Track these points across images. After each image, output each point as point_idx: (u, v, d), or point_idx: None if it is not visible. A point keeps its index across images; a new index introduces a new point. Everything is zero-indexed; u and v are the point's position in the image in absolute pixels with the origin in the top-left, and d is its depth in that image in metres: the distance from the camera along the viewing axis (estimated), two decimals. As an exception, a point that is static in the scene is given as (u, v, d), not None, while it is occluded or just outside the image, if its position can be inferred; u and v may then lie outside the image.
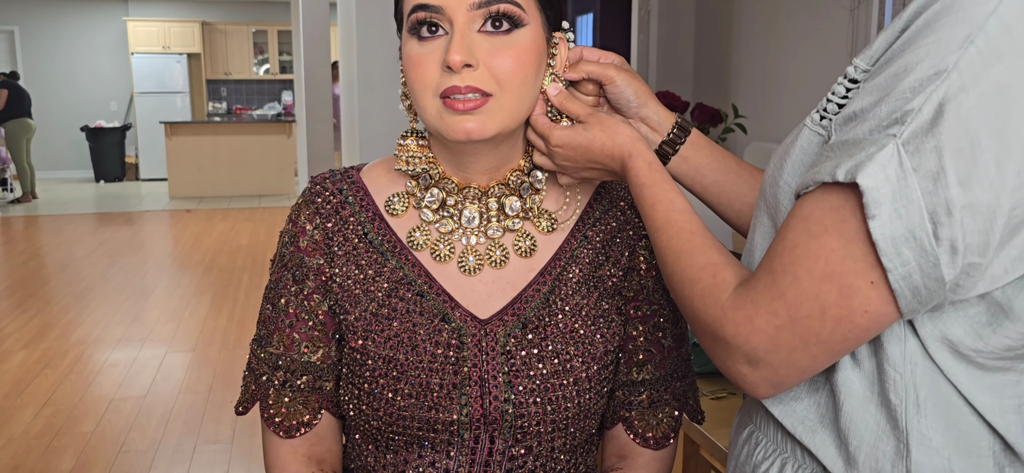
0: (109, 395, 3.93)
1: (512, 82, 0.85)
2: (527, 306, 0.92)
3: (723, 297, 0.73)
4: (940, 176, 0.61)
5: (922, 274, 0.63)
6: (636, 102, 0.94)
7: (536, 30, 0.87)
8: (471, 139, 0.84)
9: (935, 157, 0.61)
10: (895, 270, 0.63)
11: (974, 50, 0.61)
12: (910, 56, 0.63)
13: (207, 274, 6.34)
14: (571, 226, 0.97)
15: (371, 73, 3.42)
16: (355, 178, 0.97)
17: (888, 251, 0.63)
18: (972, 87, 0.60)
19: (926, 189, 0.61)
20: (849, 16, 2.85)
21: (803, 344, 0.68)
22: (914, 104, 0.62)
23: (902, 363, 0.70)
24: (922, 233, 0.62)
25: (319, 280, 0.93)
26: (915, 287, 0.64)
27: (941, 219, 0.61)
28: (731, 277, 0.75)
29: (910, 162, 0.62)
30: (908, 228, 0.62)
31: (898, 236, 0.62)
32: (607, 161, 0.89)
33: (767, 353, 0.70)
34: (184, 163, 10.43)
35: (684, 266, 0.79)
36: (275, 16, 12.63)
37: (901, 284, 0.64)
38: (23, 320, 5.09)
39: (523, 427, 0.89)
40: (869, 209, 0.62)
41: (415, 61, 0.85)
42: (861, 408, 0.72)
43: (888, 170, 0.62)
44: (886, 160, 0.62)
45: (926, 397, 0.70)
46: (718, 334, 0.73)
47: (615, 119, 0.89)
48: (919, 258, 0.62)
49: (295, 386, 0.93)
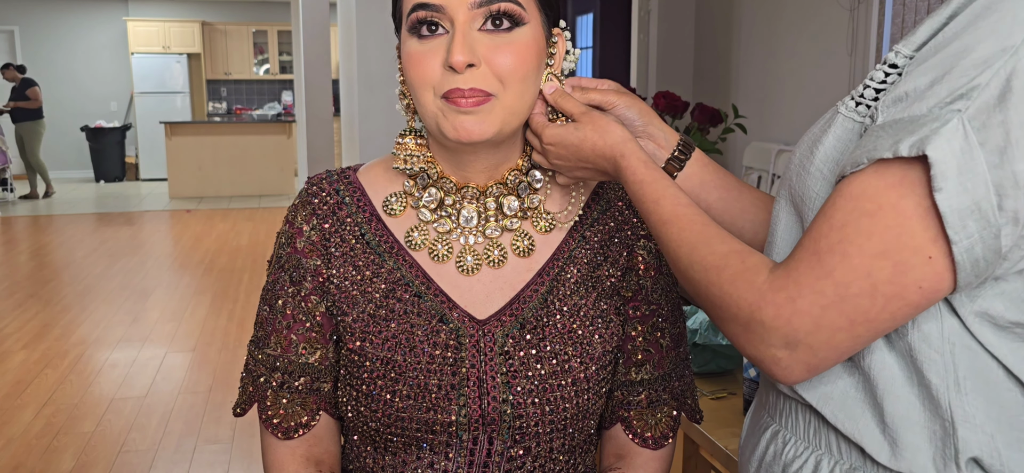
0: (109, 395, 3.93)
1: (513, 80, 0.85)
2: (525, 306, 0.92)
3: (759, 280, 0.72)
4: (1006, 150, 0.62)
5: (983, 246, 0.64)
6: (641, 122, 0.94)
7: (536, 28, 0.87)
8: (472, 138, 0.84)
9: (1002, 131, 0.62)
10: (960, 242, 0.64)
11: None
12: (971, 36, 0.64)
13: (207, 274, 6.34)
14: (569, 226, 0.96)
15: (371, 73, 3.42)
16: (352, 178, 0.97)
17: (955, 223, 0.63)
18: None
19: (992, 163, 0.62)
20: (849, 16, 2.85)
21: (849, 324, 0.68)
22: (980, 80, 0.63)
23: (941, 342, 0.70)
24: (987, 206, 0.63)
25: (316, 281, 0.93)
26: (975, 260, 0.64)
27: (1007, 191, 0.62)
28: (760, 262, 0.73)
29: (976, 136, 0.63)
30: (974, 200, 0.63)
31: (964, 208, 0.63)
32: (598, 161, 0.88)
33: (808, 334, 0.69)
34: (184, 163, 10.44)
35: (704, 254, 0.78)
36: (275, 16, 12.64)
37: (964, 256, 0.64)
38: (23, 320, 5.09)
39: (521, 428, 0.89)
40: (936, 182, 0.63)
41: (415, 60, 0.85)
42: (900, 390, 0.72)
43: (953, 144, 0.63)
44: (951, 134, 0.63)
45: (966, 375, 0.70)
46: (755, 317, 0.71)
47: (608, 119, 0.89)
48: (982, 230, 0.63)
49: (293, 387, 0.93)
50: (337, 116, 8.26)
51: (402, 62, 0.88)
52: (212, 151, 10.50)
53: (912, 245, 0.65)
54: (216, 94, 12.87)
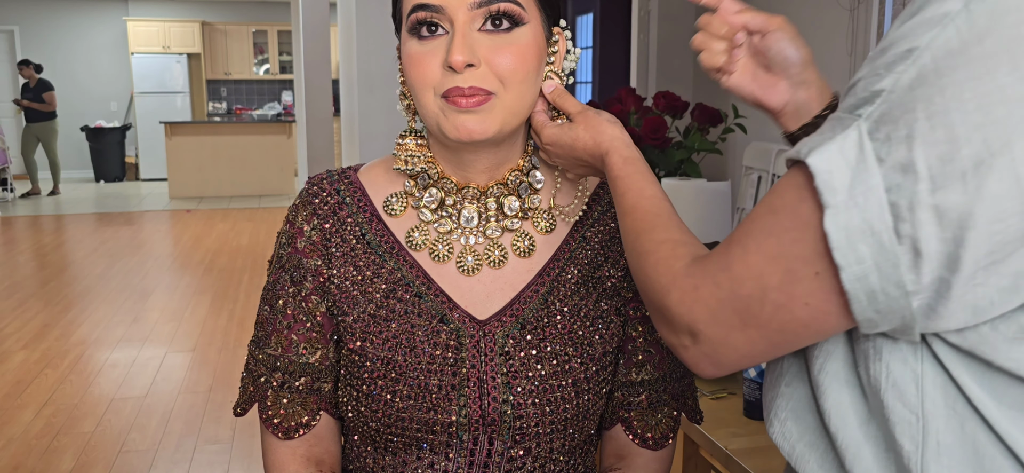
0: (109, 395, 3.93)
1: (514, 80, 0.85)
2: (525, 307, 0.92)
3: (677, 266, 0.70)
4: (909, 168, 0.53)
5: (880, 276, 0.55)
6: (798, 66, 0.86)
7: (536, 28, 0.87)
8: (473, 138, 0.84)
9: (905, 147, 0.54)
10: (848, 268, 0.56)
11: (952, 29, 0.53)
12: (895, 30, 0.57)
13: (207, 274, 6.34)
14: (570, 226, 0.96)
15: (371, 73, 3.42)
16: (352, 178, 0.97)
17: (841, 245, 0.56)
18: (947, 72, 0.53)
19: (893, 181, 0.54)
20: (849, 16, 2.85)
21: (742, 324, 0.63)
22: (884, 84, 0.56)
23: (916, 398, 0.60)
24: (882, 226, 0.54)
25: (317, 281, 0.93)
26: (871, 291, 0.56)
27: (903, 214, 0.54)
28: (688, 251, 0.71)
29: (874, 147, 0.55)
30: (865, 219, 0.54)
31: (854, 228, 0.55)
32: (589, 159, 0.89)
33: (706, 326, 0.65)
34: (184, 163, 10.44)
35: (643, 242, 0.77)
36: (275, 16, 12.63)
37: (855, 285, 0.56)
38: (23, 320, 5.09)
39: (522, 428, 0.89)
40: (823, 196, 0.56)
41: (415, 60, 0.85)
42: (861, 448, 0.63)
43: (848, 154, 0.56)
44: (847, 142, 0.56)
45: (950, 444, 0.59)
46: (663, 302, 0.70)
47: (603, 117, 0.89)
48: (877, 256, 0.55)
49: (293, 387, 0.93)
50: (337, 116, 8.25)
51: (402, 63, 0.88)
52: (212, 151, 10.50)
53: (802, 255, 0.59)
54: (216, 94, 12.87)
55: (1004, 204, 0.51)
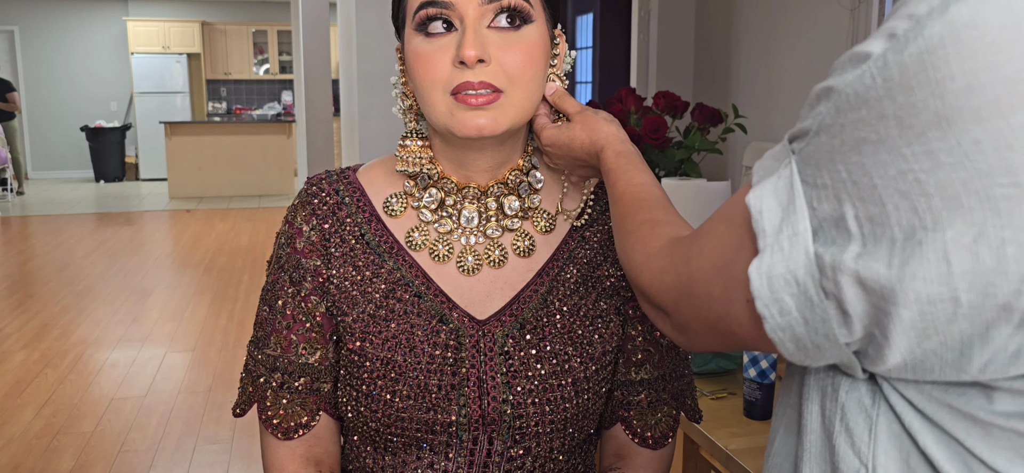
0: (109, 395, 3.93)
1: (523, 77, 0.85)
2: (525, 307, 0.92)
3: (652, 246, 0.70)
4: (841, 223, 0.47)
5: (808, 328, 0.50)
6: None
7: (542, 27, 0.87)
8: (483, 135, 0.84)
9: (834, 200, 0.47)
10: (771, 319, 0.51)
11: (868, 77, 0.46)
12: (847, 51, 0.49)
13: (207, 274, 6.34)
14: (574, 220, 0.96)
15: (371, 73, 3.42)
16: (352, 178, 0.97)
17: (762, 293, 0.50)
18: (863, 126, 0.46)
19: (821, 231, 0.48)
20: (849, 16, 2.85)
21: (697, 317, 0.61)
22: (808, 123, 0.50)
23: (868, 447, 0.53)
24: (808, 278, 0.49)
25: (316, 281, 0.93)
26: (798, 339, 0.51)
27: (826, 271, 0.48)
28: (666, 232, 0.71)
29: (804, 191, 0.49)
30: (790, 269, 0.49)
31: (776, 276, 0.50)
32: (586, 158, 0.89)
33: (673, 309, 0.65)
34: (184, 163, 10.44)
35: (626, 223, 0.78)
36: (275, 16, 12.63)
37: (779, 335, 0.51)
38: (23, 320, 5.09)
39: (521, 428, 0.89)
40: (756, 236, 0.51)
41: (424, 58, 0.85)
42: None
43: (780, 194, 0.50)
44: (780, 182, 0.51)
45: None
46: (637, 281, 0.71)
47: (599, 116, 0.89)
48: (803, 308, 0.49)
49: (293, 388, 0.93)
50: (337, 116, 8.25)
51: (407, 62, 0.88)
52: (212, 151, 10.50)
53: (737, 278, 0.54)
54: (216, 94, 12.87)
55: (931, 289, 0.44)
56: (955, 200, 0.43)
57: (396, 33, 0.93)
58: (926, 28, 0.44)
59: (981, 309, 0.43)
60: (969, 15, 0.42)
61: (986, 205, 0.42)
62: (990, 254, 0.42)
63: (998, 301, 0.43)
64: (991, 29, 0.42)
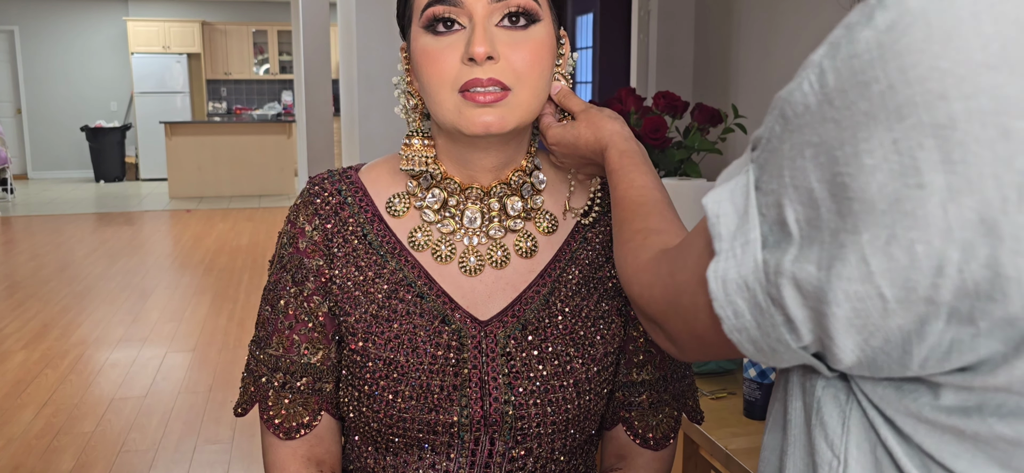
0: (109, 395, 3.93)
1: (531, 76, 0.85)
2: (527, 308, 0.92)
3: (643, 258, 0.70)
4: (785, 227, 0.49)
5: (761, 332, 0.52)
6: None
7: (549, 26, 0.87)
8: (490, 132, 0.84)
9: (777, 205, 0.49)
10: (727, 321, 0.53)
11: (807, 85, 0.48)
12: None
13: (207, 274, 6.34)
14: (581, 217, 0.96)
15: (371, 73, 3.42)
16: (354, 178, 0.97)
17: (719, 297, 0.52)
18: (801, 130, 0.48)
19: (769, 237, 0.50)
20: (849, 16, 2.85)
21: (686, 330, 0.61)
22: (763, 130, 0.51)
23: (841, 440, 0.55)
24: (756, 284, 0.50)
25: (319, 281, 0.93)
26: (755, 341, 0.52)
27: (771, 276, 0.50)
28: (658, 243, 0.70)
29: (757, 198, 0.51)
30: (741, 274, 0.51)
31: (730, 280, 0.52)
32: (591, 156, 0.90)
33: (663, 320, 0.65)
34: (184, 163, 10.44)
35: (623, 231, 0.78)
36: (275, 16, 12.63)
37: (737, 336, 0.53)
38: (23, 320, 5.09)
39: (523, 429, 0.89)
40: (713, 240, 0.53)
41: (432, 56, 0.85)
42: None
43: (737, 200, 0.52)
44: (738, 188, 0.53)
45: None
46: (629, 292, 0.71)
47: (604, 114, 0.89)
48: (754, 312, 0.51)
49: (294, 388, 0.93)
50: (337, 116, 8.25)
51: (414, 60, 0.88)
52: (212, 151, 10.50)
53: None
54: (216, 94, 12.87)
55: (857, 287, 0.45)
56: (870, 203, 0.44)
57: (401, 33, 0.93)
58: (856, 33, 0.46)
59: (907, 303, 0.45)
60: (890, 20, 0.44)
61: (895, 207, 0.44)
62: (903, 254, 0.44)
63: (920, 295, 0.44)
64: (909, 31, 0.44)
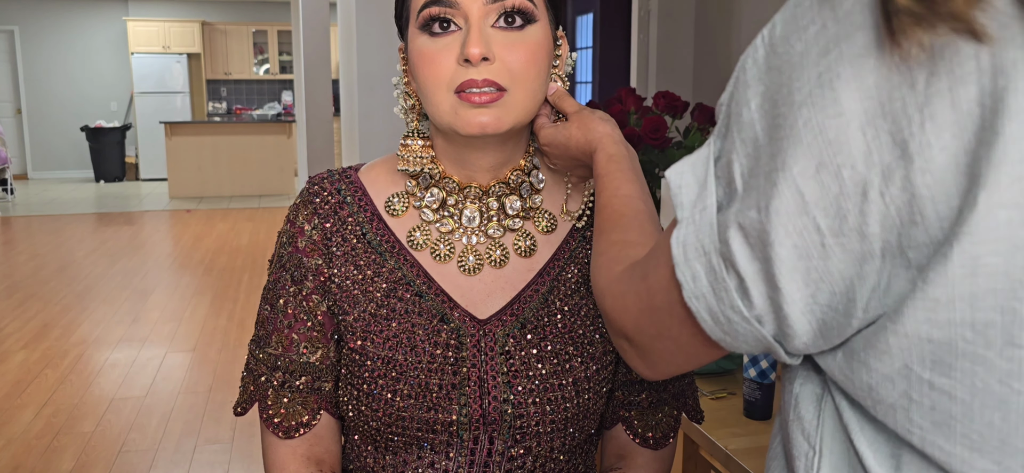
0: (109, 395, 3.93)
1: (526, 77, 0.85)
2: (526, 306, 0.92)
3: (615, 271, 0.70)
4: (731, 184, 0.52)
5: (717, 299, 0.53)
6: None
7: (545, 27, 0.87)
8: (486, 132, 0.84)
9: (727, 163, 0.52)
10: (686, 286, 0.54)
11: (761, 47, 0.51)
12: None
13: (207, 274, 6.34)
14: (576, 221, 0.97)
15: (371, 73, 3.42)
16: (353, 178, 0.97)
17: (680, 262, 0.54)
18: (751, 85, 0.51)
19: (722, 199, 0.53)
20: (849, 16, 2.85)
21: (659, 335, 0.61)
22: (723, 97, 0.54)
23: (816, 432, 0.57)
24: (711, 247, 0.52)
25: (318, 280, 0.93)
26: (712, 311, 0.53)
27: (723, 235, 0.51)
28: (632, 255, 0.70)
29: (714, 166, 0.54)
30: (698, 239, 0.53)
31: (689, 245, 0.54)
32: (582, 157, 0.89)
33: (634, 333, 0.65)
34: (184, 163, 10.44)
35: (600, 242, 0.77)
36: (275, 16, 12.63)
37: (696, 304, 0.54)
38: (23, 320, 5.09)
39: (522, 427, 0.89)
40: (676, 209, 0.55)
41: (428, 58, 0.85)
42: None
43: (698, 170, 0.55)
44: (699, 158, 0.55)
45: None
46: (601, 306, 0.71)
47: (595, 116, 0.89)
48: (710, 278, 0.53)
49: (294, 387, 0.93)
50: (337, 116, 8.25)
51: (411, 61, 0.88)
52: (212, 151, 10.50)
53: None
54: (216, 94, 12.87)
55: (794, 221, 0.47)
56: (797, 136, 0.47)
57: (399, 33, 0.93)
58: None
59: (841, 235, 0.47)
60: None
61: (820, 137, 0.46)
62: (831, 180, 0.46)
63: (851, 224, 0.46)
64: None
